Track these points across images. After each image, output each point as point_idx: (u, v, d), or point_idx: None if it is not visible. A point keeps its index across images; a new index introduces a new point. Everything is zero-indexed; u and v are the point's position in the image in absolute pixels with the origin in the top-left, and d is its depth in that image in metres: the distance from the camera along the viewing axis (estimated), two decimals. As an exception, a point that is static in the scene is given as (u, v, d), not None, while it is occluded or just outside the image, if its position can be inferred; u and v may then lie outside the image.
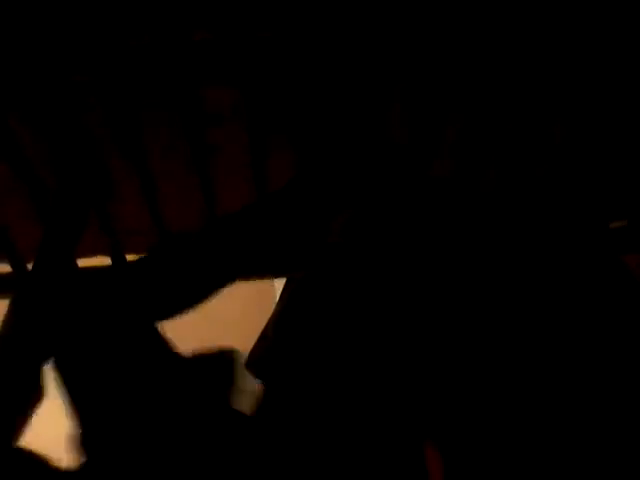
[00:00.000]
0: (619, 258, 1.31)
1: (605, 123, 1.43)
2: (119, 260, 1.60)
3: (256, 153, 1.41)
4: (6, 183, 1.38)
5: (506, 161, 1.49)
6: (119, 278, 1.27)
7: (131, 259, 1.47)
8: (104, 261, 1.59)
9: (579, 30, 1.23)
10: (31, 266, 1.29)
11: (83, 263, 1.51)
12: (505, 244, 1.36)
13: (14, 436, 1.09)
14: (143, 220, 1.54)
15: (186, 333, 1.33)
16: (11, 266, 1.56)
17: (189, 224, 1.56)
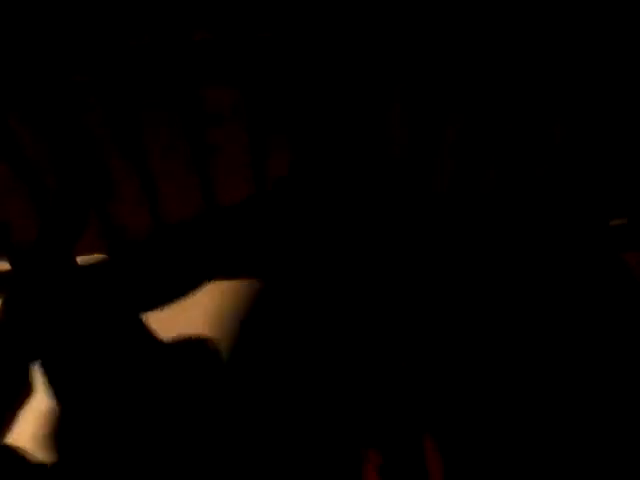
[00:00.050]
0: (619, 256, 1.32)
1: (605, 123, 1.43)
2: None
3: (256, 153, 1.42)
4: (6, 183, 1.38)
5: (506, 161, 1.49)
6: (107, 270, 1.28)
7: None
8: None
9: (579, 30, 1.23)
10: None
11: (81, 261, 1.52)
12: (505, 243, 1.37)
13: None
14: (143, 220, 1.54)
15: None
16: (10, 265, 1.57)
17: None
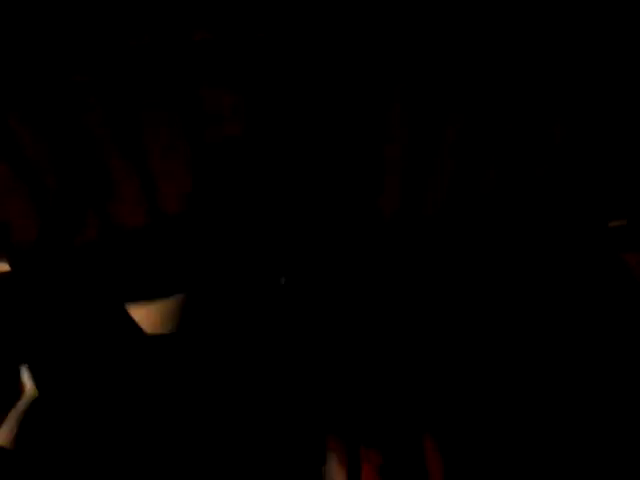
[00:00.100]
0: (619, 256, 1.31)
1: (605, 123, 1.43)
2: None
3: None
4: (6, 183, 1.38)
5: (506, 161, 1.49)
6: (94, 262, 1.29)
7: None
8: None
9: (579, 30, 1.22)
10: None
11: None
12: (505, 243, 1.36)
13: None
14: (142, 220, 1.53)
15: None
16: (9, 265, 1.56)
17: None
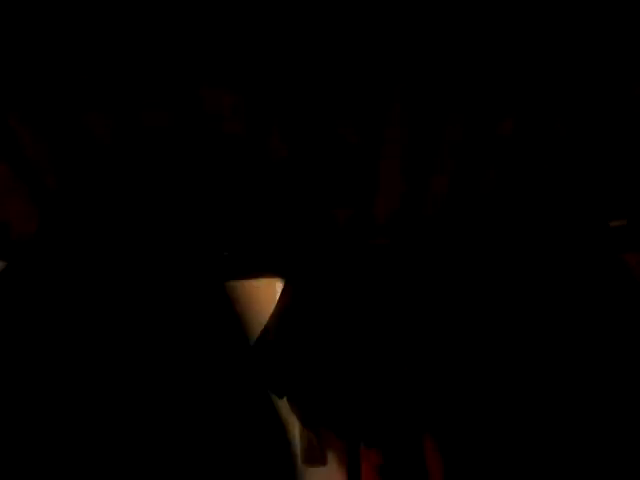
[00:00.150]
0: (619, 256, 1.32)
1: (605, 122, 1.43)
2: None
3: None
4: (6, 183, 1.38)
5: (506, 161, 1.49)
6: None
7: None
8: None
9: (579, 29, 1.22)
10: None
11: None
12: (505, 243, 1.37)
13: None
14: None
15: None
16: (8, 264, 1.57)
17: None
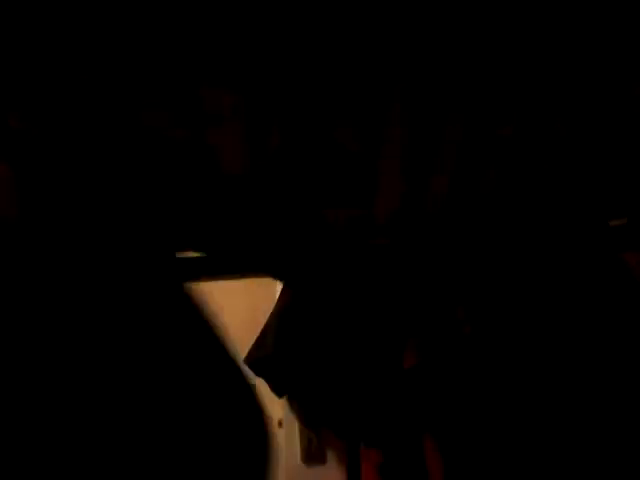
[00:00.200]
0: (619, 256, 1.32)
1: (605, 122, 1.43)
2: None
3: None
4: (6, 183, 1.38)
5: (506, 161, 1.49)
6: None
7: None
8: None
9: (579, 29, 1.22)
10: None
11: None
12: (505, 243, 1.37)
13: None
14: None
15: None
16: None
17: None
